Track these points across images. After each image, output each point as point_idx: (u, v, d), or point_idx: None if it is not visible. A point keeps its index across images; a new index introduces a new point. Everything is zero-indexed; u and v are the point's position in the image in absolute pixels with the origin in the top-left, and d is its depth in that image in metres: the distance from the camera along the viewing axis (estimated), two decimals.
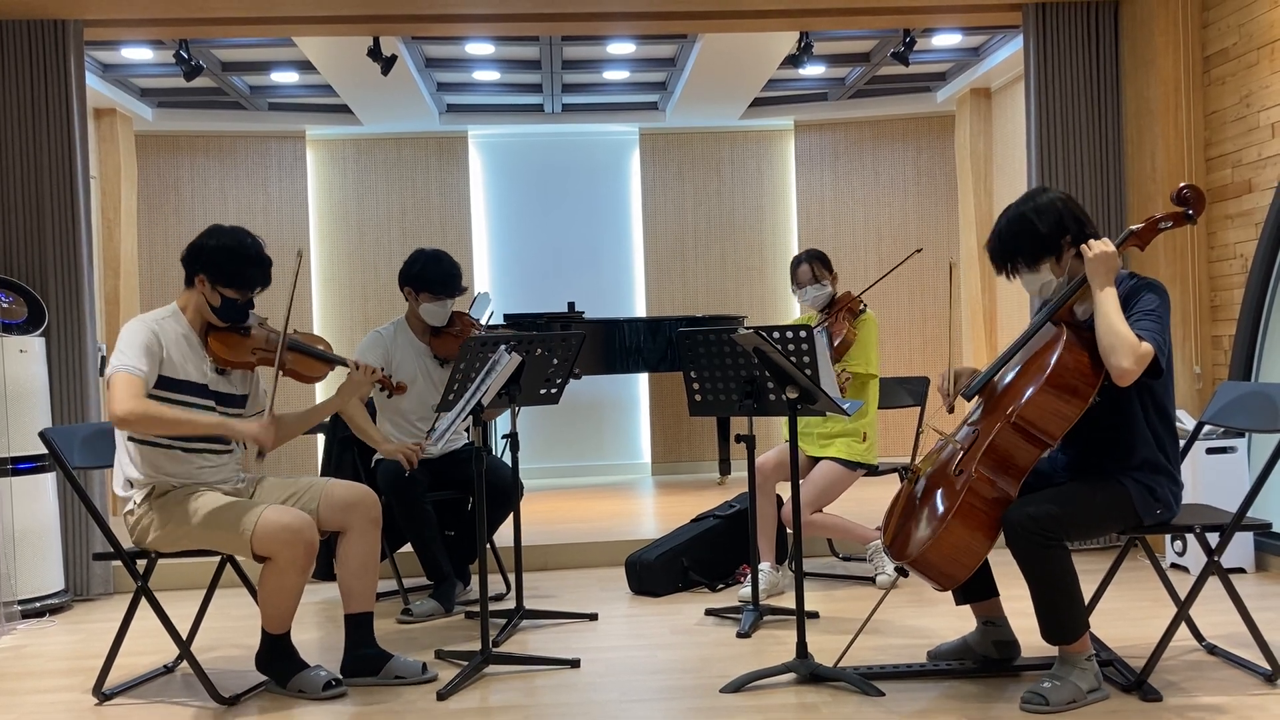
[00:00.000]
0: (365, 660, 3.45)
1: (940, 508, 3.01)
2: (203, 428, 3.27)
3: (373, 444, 4.30)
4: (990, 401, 3.16)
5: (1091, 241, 3.01)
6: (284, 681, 3.35)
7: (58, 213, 4.99)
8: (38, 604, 4.64)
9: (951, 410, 3.27)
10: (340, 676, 3.37)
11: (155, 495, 3.32)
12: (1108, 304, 2.93)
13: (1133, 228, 3.10)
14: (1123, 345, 2.86)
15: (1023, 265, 3.12)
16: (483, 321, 4.79)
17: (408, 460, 4.13)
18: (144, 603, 3.32)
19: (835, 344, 4.40)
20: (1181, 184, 3.10)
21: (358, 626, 3.48)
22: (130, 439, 3.33)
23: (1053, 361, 2.95)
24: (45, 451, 3.48)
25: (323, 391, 7.95)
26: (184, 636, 3.41)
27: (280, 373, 3.43)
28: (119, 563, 3.42)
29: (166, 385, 3.29)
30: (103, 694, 3.39)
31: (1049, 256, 3.09)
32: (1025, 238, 3.08)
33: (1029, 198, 3.14)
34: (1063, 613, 2.97)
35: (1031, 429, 2.96)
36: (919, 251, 4.83)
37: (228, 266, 3.32)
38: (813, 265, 4.58)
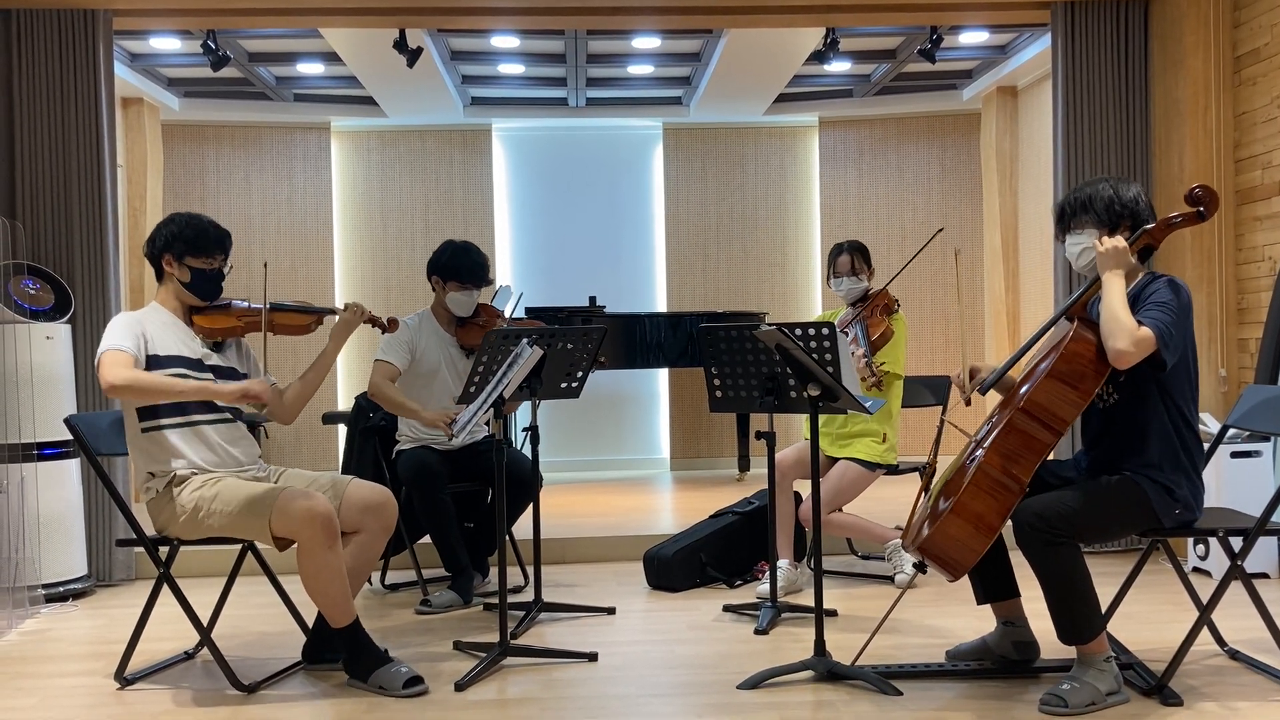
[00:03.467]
0: (325, 649, 3.48)
1: (951, 494, 3.02)
2: (189, 392, 3.31)
3: (413, 415, 4.30)
4: (1005, 393, 3.20)
5: (1104, 238, 3.04)
6: (365, 676, 3.30)
7: (85, 201, 5.02)
8: (61, 588, 4.69)
9: (969, 404, 3.26)
10: (420, 675, 3.30)
11: (176, 483, 3.34)
12: (1111, 290, 2.97)
13: (1146, 226, 3.11)
14: (1119, 329, 2.89)
15: (1083, 222, 3.13)
16: (507, 314, 4.80)
17: (449, 425, 4.13)
18: (166, 589, 3.35)
19: (874, 337, 4.38)
20: (1195, 184, 3.11)
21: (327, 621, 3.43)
22: (142, 430, 3.36)
23: (1061, 349, 2.99)
24: (70, 437, 3.50)
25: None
26: (205, 623, 3.44)
27: (269, 334, 3.50)
28: (141, 549, 3.45)
29: (158, 364, 3.34)
30: (124, 679, 3.42)
31: (1107, 227, 3.10)
32: (1104, 197, 3.12)
33: (1117, 179, 3.18)
34: (1075, 612, 2.95)
35: (1041, 414, 2.98)
36: (941, 231, 4.80)
37: (185, 234, 3.44)
38: (853, 257, 4.56)
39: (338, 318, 3.69)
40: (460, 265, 4.46)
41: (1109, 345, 2.91)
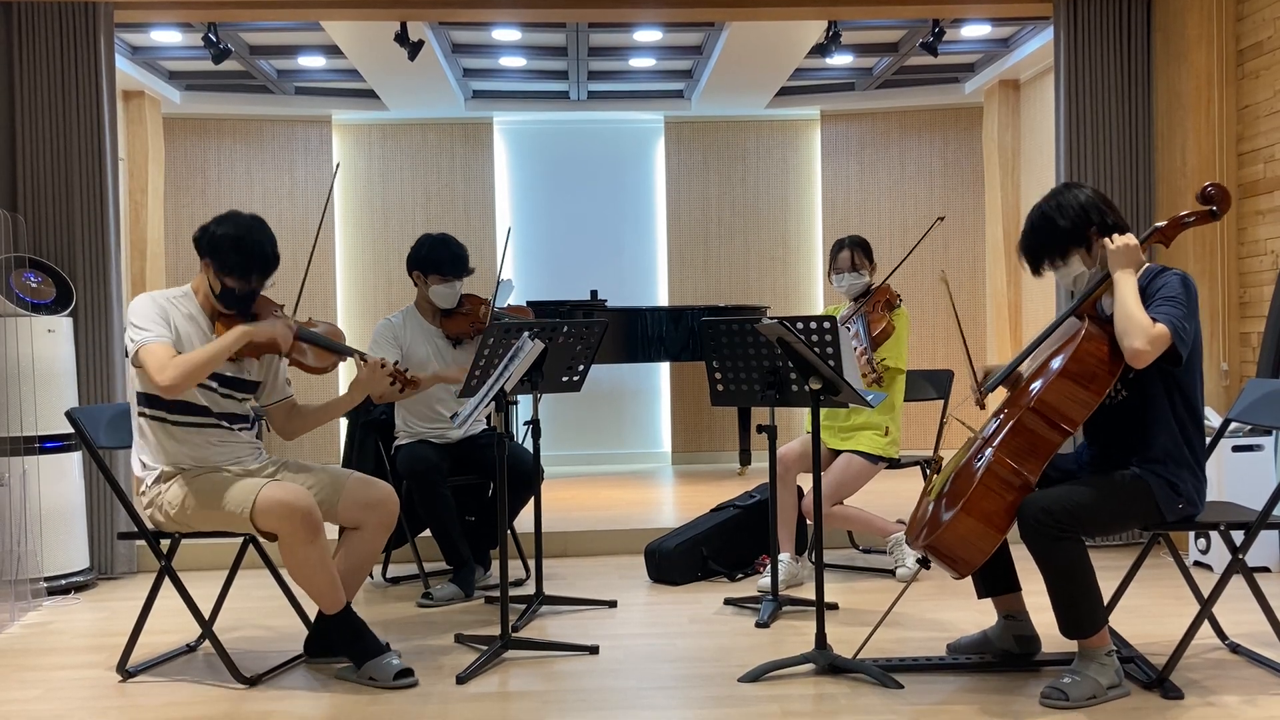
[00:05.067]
0: (327, 643, 3.46)
1: (958, 493, 3.01)
2: (229, 344, 3.26)
3: (432, 382, 4.22)
4: (1013, 391, 3.18)
5: (1115, 235, 3.02)
6: (358, 666, 3.29)
7: (86, 194, 5.02)
8: (63, 581, 4.69)
9: (982, 406, 3.26)
10: (411, 668, 3.30)
11: (166, 478, 3.34)
12: (1124, 289, 2.95)
13: (1157, 224, 3.12)
14: (1134, 327, 2.87)
15: (1053, 259, 3.15)
16: (503, 305, 4.80)
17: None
18: (167, 582, 3.35)
19: (875, 333, 4.38)
20: (1207, 183, 3.10)
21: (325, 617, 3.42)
22: (142, 416, 3.34)
23: (1072, 349, 2.97)
24: (71, 431, 3.51)
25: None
26: (206, 616, 3.44)
27: (288, 359, 3.45)
28: (143, 542, 3.45)
29: None
30: (126, 671, 3.43)
31: (1076, 249, 3.11)
32: (1048, 234, 3.13)
33: (1051, 195, 3.18)
34: (1079, 606, 2.95)
35: (1051, 414, 2.97)
36: (941, 220, 4.79)
37: (230, 256, 3.31)
38: (854, 252, 4.56)
39: (359, 369, 3.51)
40: (440, 258, 4.45)
41: (1125, 344, 2.88)
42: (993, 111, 7.97)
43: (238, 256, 3.31)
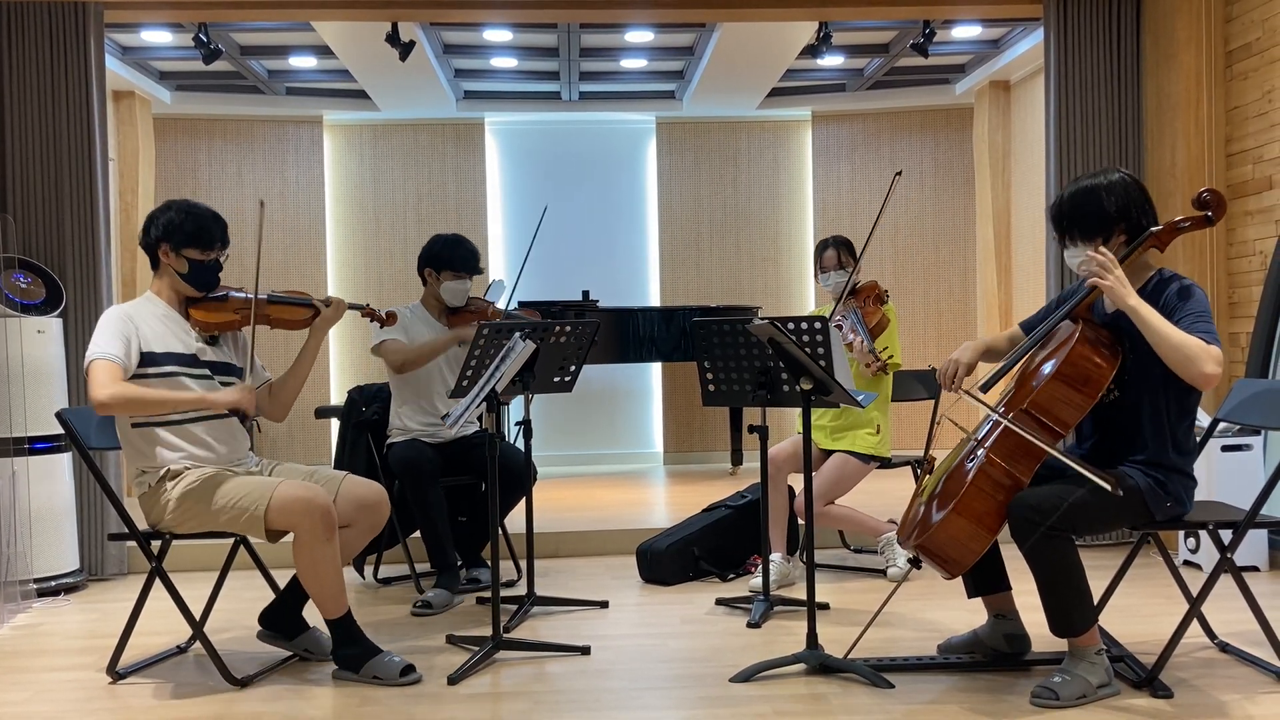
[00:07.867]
0: (281, 620, 3.50)
1: (950, 493, 3.02)
2: (183, 403, 3.29)
3: (448, 343, 4.41)
4: (1006, 393, 3.17)
5: (1095, 261, 2.95)
6: (357, 667, 3.31)
7: (76, 194, 5.01)
8: (53, 583, 4.68)
9: (949, 389, 3.25)
10: (413, 664, 3.34)
11: (169, 477, 3.33)
12: (1150, 316, 2.87)
13: (1151, 229, 3.06)
14: (1198, 351, 2.81)
15: (1078, 237, 3.09)
16: (500, 307, 4.81)
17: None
18: (158, 583, 3.35)
19: (871, 325, 4.39)
20: (1203, 188, 3.09)
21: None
22: (133, 425, 3.35)
23: (1066, 352, 2.97)
24: (62, 432, 3.50)
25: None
26: (197, 617, 3.43)
27: (256, 327, 3.46)
28: (133, 543, 3.44)
29: (151, 361, 3.32)
30: (116, 673, 3.42)
31: (1101, 236, 3.05)
32: (1090, 210, 3.06)
33: (1102, 173, 3.12)
34: (1068, 605, 2.96)
35: (1044, 417, 2.97)
36: (899, 175, 4.71)
37: (185, 226, 3.39)
38: (839, 251, 4.60)
39: (323, 312, 3.62)
40: (454, 255, 4.52)
41: (1193, 372, 2.81)
42: (983, 112, 7.99)
43: (194, 224, 3.39)
